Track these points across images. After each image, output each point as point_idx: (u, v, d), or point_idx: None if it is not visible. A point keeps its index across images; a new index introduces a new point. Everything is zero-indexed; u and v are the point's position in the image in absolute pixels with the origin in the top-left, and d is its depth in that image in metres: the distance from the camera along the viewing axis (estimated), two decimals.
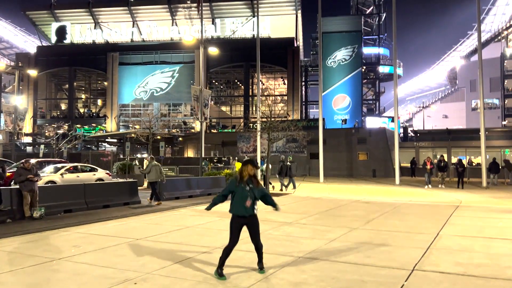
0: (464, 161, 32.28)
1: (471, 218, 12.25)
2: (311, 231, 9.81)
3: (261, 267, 6.23)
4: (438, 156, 31.25)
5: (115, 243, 8.36)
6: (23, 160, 13.50)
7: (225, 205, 6.36)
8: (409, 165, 37.81)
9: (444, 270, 6.36)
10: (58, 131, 46.96)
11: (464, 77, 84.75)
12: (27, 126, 59.39)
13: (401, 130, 47.31)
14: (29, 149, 53.57)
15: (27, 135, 58.88)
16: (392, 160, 36.36)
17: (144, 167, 24.89)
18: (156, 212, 13.15)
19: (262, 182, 23.57)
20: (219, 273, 5.94)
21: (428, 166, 24.83)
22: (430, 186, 24.39)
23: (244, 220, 6.07)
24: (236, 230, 6.09)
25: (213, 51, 28.43)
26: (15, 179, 11.91)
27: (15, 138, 58.45)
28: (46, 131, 55.71)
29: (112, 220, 11.41)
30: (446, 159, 26.27)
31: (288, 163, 22.99)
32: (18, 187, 11.58)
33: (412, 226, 10.74)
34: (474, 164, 36.19)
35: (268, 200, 6.49)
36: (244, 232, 6.17)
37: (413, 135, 48.76)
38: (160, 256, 7.26)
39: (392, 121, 45.48)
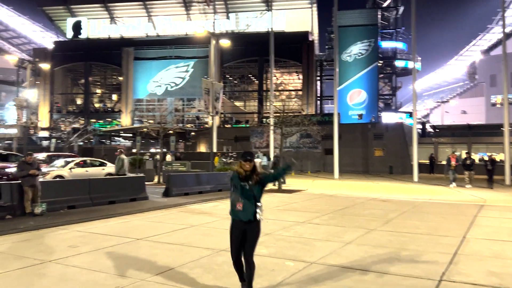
0: (486, 158, 31.04)
1: (499, 219, 11.38)
2: (325, 232, 9.10)
3: None
4: (458, 153, 30.16)
5: (113, 243, 7.79)
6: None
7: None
8: (427, 161, 36.70)
9: (477, 282, 5.60)
10: (74, 126, 47.08)
11: (483, 71, 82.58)
12: (44, 120, 59.86)
13: (419, 125, 45.98)
14: (45, 143, 53.71)
15: (43, 129, 59.28)
16: (409, 156, 35.27)
17: (168, 159, 24.60)
18: (162, 209, 12.59)
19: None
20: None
21: (453, 163, 22.47)
22: (454, 185, 22.07)
23: (242, 226, 4.94)
24: (233, 237, 5.01)
25: (225, 43, 27.78)
26: (16, 174, 11.43)
27: (32, 132, 59.19)
28: (62, 126, 56.01)
29: (115, 218, 10.87)
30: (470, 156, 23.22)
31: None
32: (19, 182, 11.11)
33: (435, 227, 9.94)
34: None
35: (273, 179, 5.65)
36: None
37: (431, 130, 47.39)
38: (158, 259, 6.66)
39: (410, 116, 44.26)
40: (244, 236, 4.93)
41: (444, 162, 36.74)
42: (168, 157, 30.10)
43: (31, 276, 5.73)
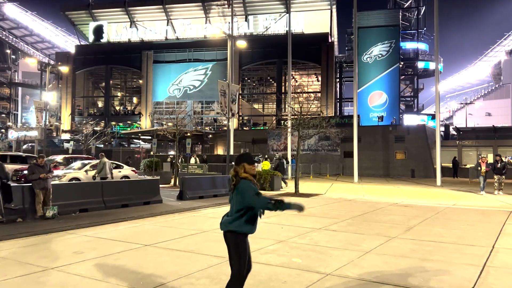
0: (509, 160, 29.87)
1: None
2: (342, 240, 8.62)
3: None
4: (483, 155, 29.04)
5: (121, 249, 7.50)
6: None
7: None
8: (451, 165, 35.64)
9: None
10: (95, 128, 47.54)
11: (509, 72, 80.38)
12: (66, 123, 60.80)
13: (442, 128, 44.79)
14: (66, 145, 54.51)
15: (65, 132, 60.21)
16: (432, 159, 34.29)
17: (192, 161, 24.53)
18: (174, 213, 12.30)
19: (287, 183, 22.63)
20: None
21: (484, 168, 20.00)
22: (483, 192, 19.72)
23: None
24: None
25: (242, 44, 27.44)
26: (27, 177, 11.31)
27: (55, 135, 60.11)
28: (84, 128, 56.76)
29: (126, 222, 10.62)
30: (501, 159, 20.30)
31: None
32: (30, 184, 10.99)
33: (460, 235, 9.34)
34: None
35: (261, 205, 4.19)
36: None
37: (455, 133, 46.12)
38: (164, 267, 6.32)
39: (432, 118, 43.20)
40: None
41: (468, 166, 35.68)
42: (192, 160, 29.88)
43: (31, 285, 5.46)
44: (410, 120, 47.77)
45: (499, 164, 19.70)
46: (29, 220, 10.47)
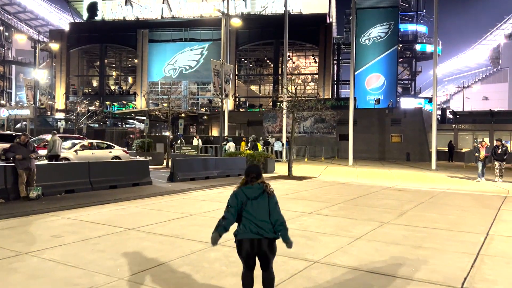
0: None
1: None
2: (333, 225, 8.36)
3: None
4: (479, 140, 28.78)
5: (102, 233, 7.21)
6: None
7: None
8: (446, 148, 35.44)
9: None
10: (89, 108, 46.92)
11: (508, 56, 79.86)
12: (60, 102, 60.04)
13: (439, 111, 44.46)
14: (59, 124, 54.02)
15: (59, 111, 59.49)
16: (428, 143, 34.07)
17: (228, 148, 24.32)
18: (163, 195, 12.01)
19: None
20: None
21: (483, 153, 18.49)
22: (483, 179, 18.44)
23: None
24: None
25: (237, 22, 26.83)
26: (6, 154, 10.92)
27: (49, 114, 59.43)
28: (78, 108, 56.20)
29: (112, 204, 10.32)
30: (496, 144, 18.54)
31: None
32: (13, 164, 10.63)
33: (455, 221, 9.11)
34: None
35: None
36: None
37: (451, 116, 45.84)
38: (145, 253, 6.04)
39: (429, 102, 42.85)
40: None
41: (464, 150, 35.49)
42: (195, 141, 29.48)
43: (1, 271, 5.16)
44: (407, 103, 47.41)
45: (500, 150, 17.98)
46: (12, 201, 10.15)
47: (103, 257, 5.83)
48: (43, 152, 16.58)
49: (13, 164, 10.58)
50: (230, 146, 23.87)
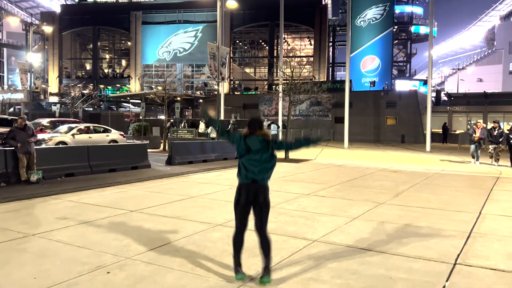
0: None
1: None
2: (330, 206, 8.57)
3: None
4: (473, 121, 28.99)
5: (105, 215, 7.37)
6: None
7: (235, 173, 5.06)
8: (441, 130, 35.74)
9: (496, 266, 5.04)
10: (83, 91, 46.62)
11: (502, 38, 79.72)
12: (53, 85, 59.58)
13: (434, 94, 44.60)
14: (54, 108, 53.69)
15: (52, 94, 59.08)
16: (422, 125, 34.34)
17: (210, 131, 24.44)
18: (163, 178, 12.17)
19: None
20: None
21: (477, 134, 17.65)
22: (477, 162, 17.86)
23: None
24: None
25: (232, 4, 26.59)
26: (6, 140, 10.99)
27: (42, 98, 58.98)
28: (72, 91, 55.83)
29: (113, 187, 10.47)
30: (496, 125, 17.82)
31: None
32: (13, 148, 10.70)
33: (448, 201, 9.36)
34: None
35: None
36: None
37: (446, 99, 46.06)
38: (149, 234, 6.22)
39: (424, 84, 42.96)
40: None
41: (458, 132, 35.83)
42: (202, 125, 28.93)
43: (11, 251, 5.32)
44: (402, 85, 47.46)
45: (496, 132, 17.43)
46: (13, 185, 10.27)
47: (109, 237, 6.00)
48: (43, 135, 16.61)
49: (13, 148, 10.66)
50: (213, 130, 24.07)
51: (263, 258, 4.46)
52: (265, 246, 4.47)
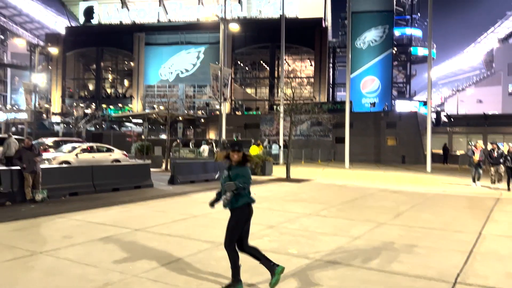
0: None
1: None
2: (332, 226, 8.68)
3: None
4: (473, 142, 29.09)
5: (110, 233, 7.48)
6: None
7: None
8: (441, 151, 35.91)
9: (496, 285, 5.14)
10: (86, 111, 47.10)
11: (501, 60, 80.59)
12: (56, 105, 60.10)
13: (434, 115, 44.93)
14: (56, 128, 53.97)
15: (55, 114, 59.54)
16: (423, 145, 34.52)
17: (202, 150, 24.67)
18: (166, 198, 12.29)
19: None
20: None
21: (477, 157, 17.32)
22: (477, 184, 17.34)
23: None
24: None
25: (235, 27, 27.15)
26: (13, 160, 11.17)
27: (45, 117, 59.44)
28: (74, 111, 56.27)
29: (117, 206, 10.59)
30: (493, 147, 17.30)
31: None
32: (19, 168, 10.87)
33: (448, 222, 9.46)
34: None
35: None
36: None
37: (446, 120, 46.36)
38: (154, 252, 6.33)
39: (424, 105, 43.31)
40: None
41: (459, 153, 35.99)
42: (206, 148, 28.19)
43: (19, 269, 5.43)
44: (402, 106, 47.85)
45: (495, 153, 16.89)
46: (18, 204, 10.40)
47: (114, 255, 6.11)
48: (46, 155, 16.80)
49: (19, 167, 10.83)
50: (205, 150, 24.28)
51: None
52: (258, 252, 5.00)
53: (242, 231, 4.96)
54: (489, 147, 18.66)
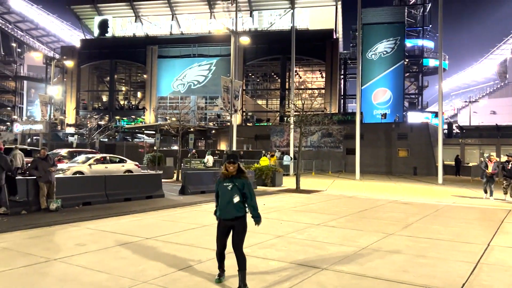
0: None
1: None
2: (340, 236, 8.75)
3: None
4: (486, 154, 28.85)
5: (122, 242, 7.66)
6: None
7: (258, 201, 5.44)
8: (453, 163, 35.64)
9: None
10: (99, 122, 47.84)
11: None
12: (70, 117, 61.16)
13: (446, 126, 44.68)
14: (70, 139, 54.75)
15: (69, 125, 60.53)
16: (434, 157, 34.31)
17: (206, 161, 24.86)
18: (176, 208, 12.47)
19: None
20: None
21: (490, 169, 16.91)
22: (490, 197, 17.01)
23: (228, 223, 5.36)
24: (219, 233, 5.49)
25: (245, 40, 27.53)
26: (29, 170, 11.49)
27: (59, 129, 60.49)
28: (88, 122, 57.14)
29: (128, 215, 10.79)
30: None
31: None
32: (35, 177, 11.18)
33: (458, 233, 9.46)
34: None
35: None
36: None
37: (458, 131, 46.02)
38: (164, 260, 6.48)
39: (436, 116, 43.11)
40: (229, 231, 5.37)
41: (471, 164, 35.67)
42: (210, 158, 27.79)
43: (34, 275, 5.63)
44: (414, 117, 47.67)
45: (510, 165, 16.37)
46: (33, 213, 10.67)
47: (126, 263, 6.28)
48: (61, 165, 17.14)
49: (35, 177, 11.13)
50: (209, 160, 24.43)
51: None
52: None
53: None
54: (503, 159, 18.38)
